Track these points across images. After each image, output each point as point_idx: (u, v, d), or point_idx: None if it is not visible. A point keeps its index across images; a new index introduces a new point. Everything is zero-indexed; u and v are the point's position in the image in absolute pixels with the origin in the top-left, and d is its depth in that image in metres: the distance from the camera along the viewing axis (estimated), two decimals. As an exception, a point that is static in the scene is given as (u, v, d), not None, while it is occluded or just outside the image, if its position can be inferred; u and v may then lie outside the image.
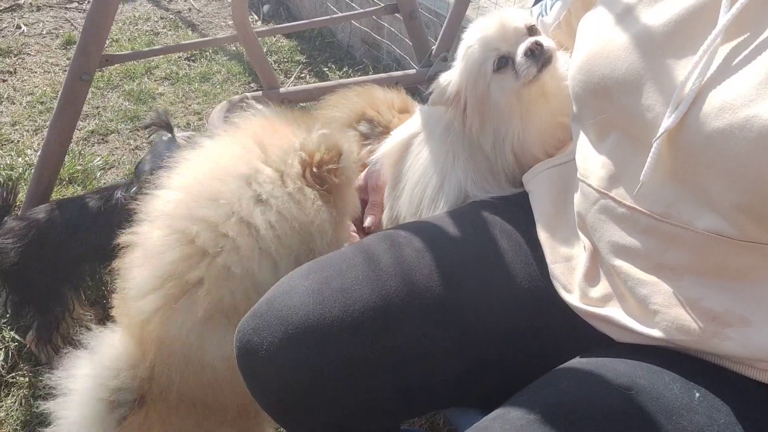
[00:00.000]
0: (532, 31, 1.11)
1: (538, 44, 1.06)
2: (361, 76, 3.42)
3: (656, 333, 0.85)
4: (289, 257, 1.16)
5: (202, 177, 1.18)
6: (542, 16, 1.21)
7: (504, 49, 1.10)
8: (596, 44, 0.92)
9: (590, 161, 0.95)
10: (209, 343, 1.12)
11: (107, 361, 1.17)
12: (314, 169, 1.18)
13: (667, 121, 0.78)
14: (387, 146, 1.38)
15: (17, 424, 1.74)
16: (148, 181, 1.64)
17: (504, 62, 1.10)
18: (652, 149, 0.80)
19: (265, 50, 3.66)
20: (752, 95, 0.72)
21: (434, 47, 2.33)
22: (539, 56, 1.06)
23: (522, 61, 1.07)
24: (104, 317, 2.01)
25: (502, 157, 1.16)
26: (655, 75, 0.83)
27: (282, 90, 1.98)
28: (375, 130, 1.61)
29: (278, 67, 3.59)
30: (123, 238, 1.20)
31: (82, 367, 1.18)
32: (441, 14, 2.95)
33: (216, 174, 1.17)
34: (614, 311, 0.91)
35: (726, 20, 0.76)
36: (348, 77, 3.43)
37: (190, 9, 4.36)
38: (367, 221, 1.36)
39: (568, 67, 1.03)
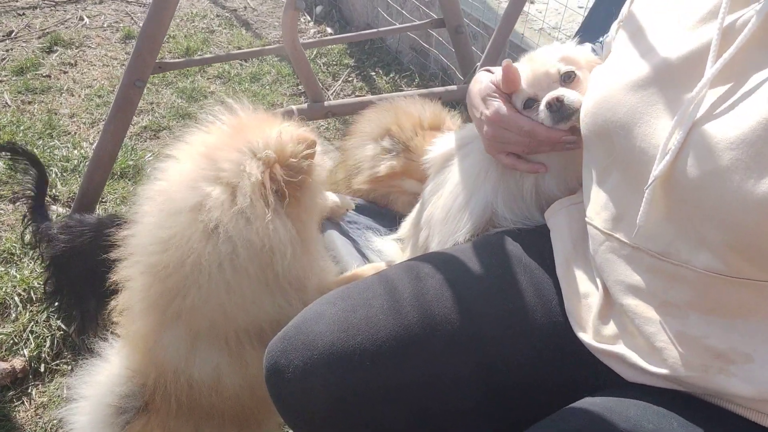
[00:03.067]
0: (566, 78, 1.13)
1: (558, 100, 1.08)
2: (407, 83, 3.46)
3: (662, 371, 0.87)
4: (253, 284, 1.17)
5: (157, 215, 1.18)
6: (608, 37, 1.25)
7: (532, 92, 1.13)
8: (602, 90, 0.96)
9: (595, 203, 0.99)
10: (196, 364, 1.20)
11: (117, 369, 1.26)
12: (287, 163, 1.15)
13: (657, 168, 0.82)
14: (435, 153, 1.42)
15: (59, 410, 1.85)
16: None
17: (531, 103, 1.13)
18: (645, 195, 0.84)
19: (315, 52, 3.73)
20: (735, 141, 0.75)
21: (479, 63, 2.35)
22: (557, 111, 1.09)
23: (543, 110, 1.10)
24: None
25: (525, 184, 1.20)
26: (649, 120, 0.86)
27: (326, 103, 2.03)
28: (396, 147, 1.67)
29: (327, 69, 3.65)
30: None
31: (97, 374, 1.27)
32: (489, 26, 2.96)
33: (168, 208, 1.17)
34: (624, 349, 0.93)
35: (711, 73, 0.80)
36: (394, 84, 3.48)
37: (245, 7, 4.46)
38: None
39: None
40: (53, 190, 2.64)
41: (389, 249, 1.58)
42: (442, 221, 1.31)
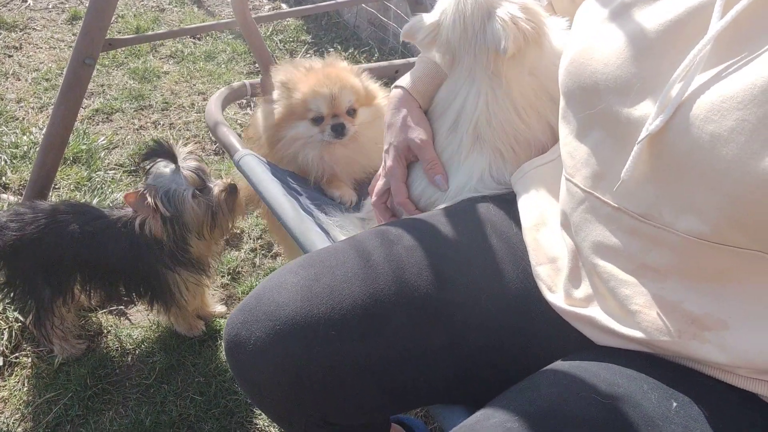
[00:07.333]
0: None
1: None
2: (366, 58, 3.41)
3: (636, 333, 0.86)
4: None
5: None
6: None
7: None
8: (591, 39, 0.92)
9: (576, 159, 0.95)
10: None
11: None
12: None
13: (652, 124, 0.78)
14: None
15: (20, 404, 1.78)
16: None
17: None
18: (634, 149, 0.81)
19: (271, 29, 3.64)
20: (743, 101, 0.72)
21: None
22: None
23: None
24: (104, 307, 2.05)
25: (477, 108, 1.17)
26: (646, 75, 0.83)
27: (282, 77, 1.96)
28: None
29: (284, 46, 3.57)
30: None
31: None
32: (448, -2, 2.93)
33: None
34: (596, 311, 0.92)
35: (719, 27, 0.76)
36: (353, 59, 3.42)
37: (196, -16, 4.33)
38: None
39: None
40: (3, 178, 2.53)
41: (350, 224, 1.55)
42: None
